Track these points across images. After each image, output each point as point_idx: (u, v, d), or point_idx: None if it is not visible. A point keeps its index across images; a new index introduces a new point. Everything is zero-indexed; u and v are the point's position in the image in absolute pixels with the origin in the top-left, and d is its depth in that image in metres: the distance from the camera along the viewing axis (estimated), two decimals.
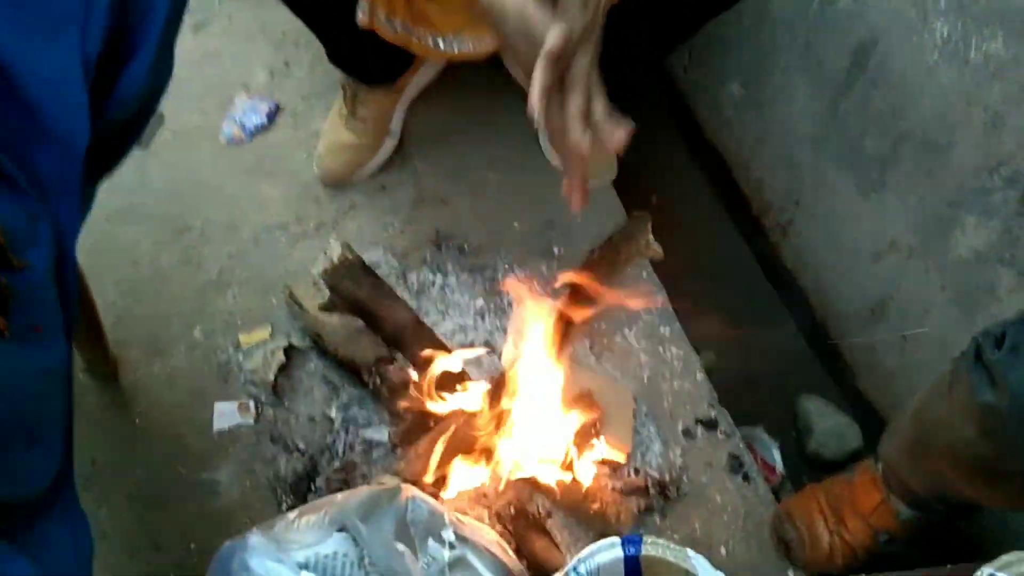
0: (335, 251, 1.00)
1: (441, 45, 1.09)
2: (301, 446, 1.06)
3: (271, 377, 1.09)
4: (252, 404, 1.08)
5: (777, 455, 1.30)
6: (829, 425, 1.34)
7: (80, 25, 0.54)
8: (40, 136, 0.54)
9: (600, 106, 0.77)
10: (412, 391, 0.96)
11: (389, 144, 1.30)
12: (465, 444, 0.91)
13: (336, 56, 1.18)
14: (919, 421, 0.90)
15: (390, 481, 0.85)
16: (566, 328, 0.98)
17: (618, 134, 0.75)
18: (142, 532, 1.00)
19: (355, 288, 0.97)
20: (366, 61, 1.18)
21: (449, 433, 0.88)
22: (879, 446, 1.02)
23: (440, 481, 0.95)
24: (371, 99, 1.23)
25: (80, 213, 0.62)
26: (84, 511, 0.62)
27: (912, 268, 1.23)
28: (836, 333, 1.41)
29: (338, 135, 1.26)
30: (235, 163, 1.28)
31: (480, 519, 1.01)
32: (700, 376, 1.19)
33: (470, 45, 1.12)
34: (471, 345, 1.14)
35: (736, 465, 1.11)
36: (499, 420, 0.94)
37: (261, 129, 1.31)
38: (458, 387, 0.97)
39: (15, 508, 0.57)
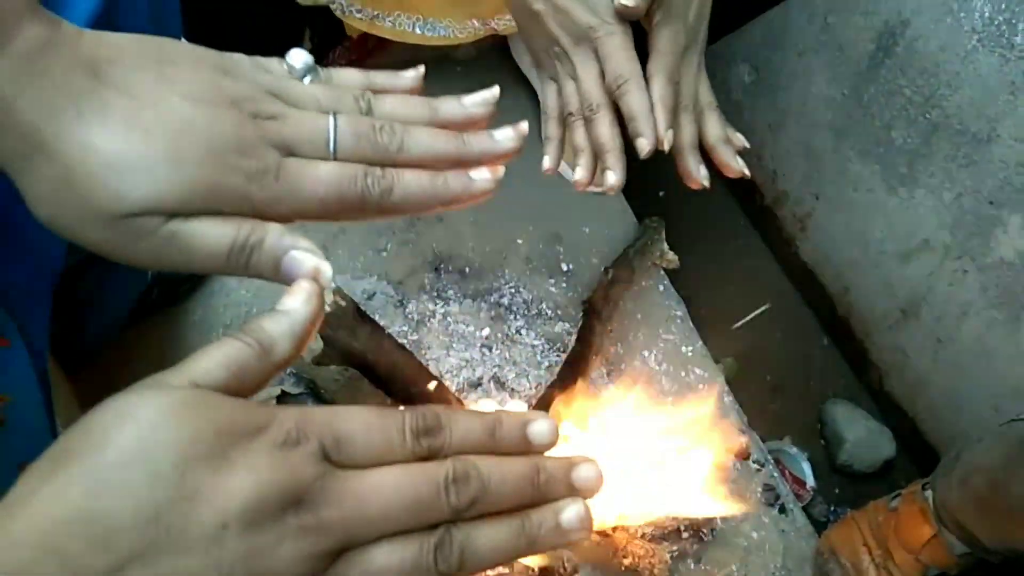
0: (327, 298, 0.90)
1: (418, 30, 1.04)
2: None
3: None
4: None
5: (807, 469, 1.23)
6: (860, 433, 1.27)
7: None
8: (14, 252, 0.49)
9: (715, 125, 0.67)
10: None
11: None
12: None
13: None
14: (998, 487, 0.82)
15: None
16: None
17: (738, 160, 0.67)
18: None
19: (351, 339, 0.88)
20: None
21: None
22: (933, 483, 0.94)
23: None
24: None
25: (49, 327, 0.56)
26: None
27: (947, 268, 1.14)
28: (862, 334, 1.33)
29: None
30: None
31: None
32: (728, 399, 1.11)
33: (451, 31, 1.05)
34: (479, 381, 1.05)
35: (772, 497, 1.04)
36: None
37: None
38: None
39: None
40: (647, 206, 1.30)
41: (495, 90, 0.48)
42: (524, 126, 0.48)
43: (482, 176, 0.45)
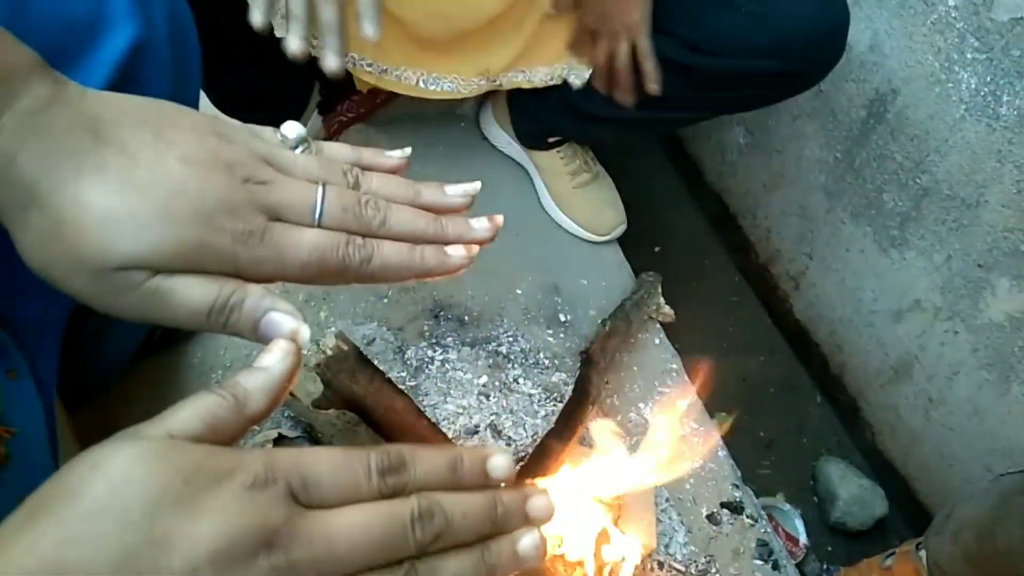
0: (328, 341, 0.91)
1: (423, 84, 1.09)
2: None
3: None
4: None
5: (800, 526, 1.23)
6: (853, 491, 1.27)
7: None
8: (26, 287, 0.49)
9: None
10: None
11: None
12: None
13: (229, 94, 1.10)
14: (986, 539, 0.83)
15: None
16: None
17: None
18: None
19: (351, 383, 0.88)
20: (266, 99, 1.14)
21: None
22: (926, 542, 0.94)
23: None
24: None
25: (57, 361, 0.57)
26: None
27: (938, 329, 1.16)
28: (855, 391, 1.35)
29: None
30: None
31: None
32: (722, 453, 1.11)
33: (456, 87, 1.10)
34: (476, 429, 1.06)
35: (766, 553, 1.04)
36: None
37: None
38: None
39: None
40: (643, 261, 1.33)
41: (477, 184, 0.50)
42: (499, 219, 0.50)
43: (457, 253, 0.46)
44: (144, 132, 0.39)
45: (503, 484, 0.38)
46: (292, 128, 0.46)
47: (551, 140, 1.26)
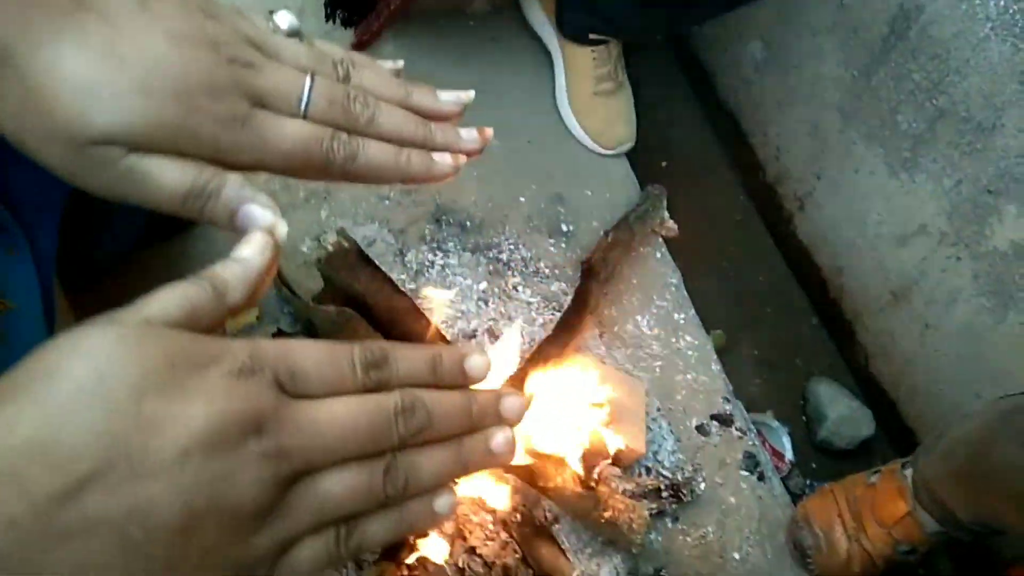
0: (330, 238, 0.91)
1: None
2: None
3: None
4: None
5: (787, 442, 1.25)
6: (842, 412, 1.29)
7: None
8: (24, 165, 0.48)
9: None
10: None
11: None
12: None
13: None
14: (979, 457, 0.84)
15: None
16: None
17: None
18: None
19: (351, 279, 0.89)
20: None
21: None
22: (915, 462, 0.96)
23: None
24: None
25: (57, 240, 0.55)
26: None
27: (941, 255, 1.16)
28: (851, 315, 1.35)
29: None
30: None
31: (484, 525, 0.95)
32: (716, 367, 1.12)
33: None
34: (473, 333, 1.07)
35: (752, 464, 1.06)
36: None
37: None
38: None
39: None
40: (649, 175, 1.31)
41: (471, 93, 0.49)
42: (489, 132, 0.49)
43: (444, 161, 0.45)
44: (129, 1, 0.37)
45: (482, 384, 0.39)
46: (284, 18, 0.45)
47: (592, 37, 1.23)
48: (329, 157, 0.41)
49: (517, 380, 0.92)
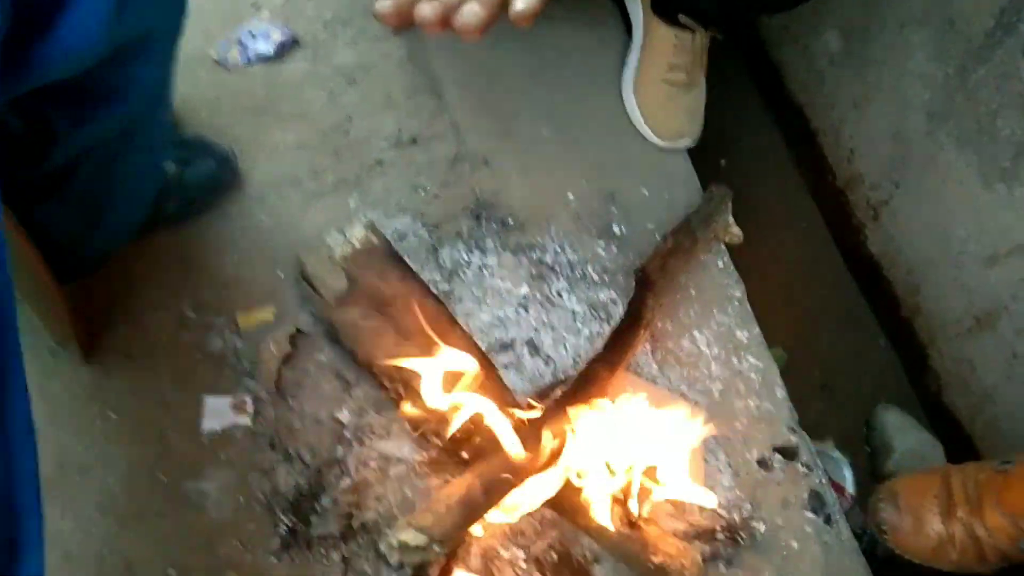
0: (357, 232, 0.80)
1: None
2: (306, 456, 0.89)
3: (274, 369, 0.91)
4: (249, 401, 0.90)
5: (849, 475, 1.14)
6: (911, 444, 1.17)
7: None
8: None
9: None
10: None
11: None
12: (501, 495, 0.74)
13: None
14: None
15: (410, 537, 0.68)
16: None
17: None
18: (113, 551, 0.84)
19: (379, 282, 0.78)
20: None
21: (480, 490, 0.70)
22: None
23: None
24: None
25: None
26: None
27: None
28: (926, 338, 1.23)
29: None
30: (240, 100, 1.07)
31: (515, 562, 0.85)
32: (780, 393, 1.01)
33: None
34: (511, 344, 0.96)
35: (818, 505, 0.95)
36: (549, 461, 0.77)
37: (263, 60, 1.09)
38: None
39: None
40: (705, 174, 1.19)
41: None
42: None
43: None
44: None
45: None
46: None
47: (682, 20, 1.11)
48: None
49: (562, 403, 0.81)
